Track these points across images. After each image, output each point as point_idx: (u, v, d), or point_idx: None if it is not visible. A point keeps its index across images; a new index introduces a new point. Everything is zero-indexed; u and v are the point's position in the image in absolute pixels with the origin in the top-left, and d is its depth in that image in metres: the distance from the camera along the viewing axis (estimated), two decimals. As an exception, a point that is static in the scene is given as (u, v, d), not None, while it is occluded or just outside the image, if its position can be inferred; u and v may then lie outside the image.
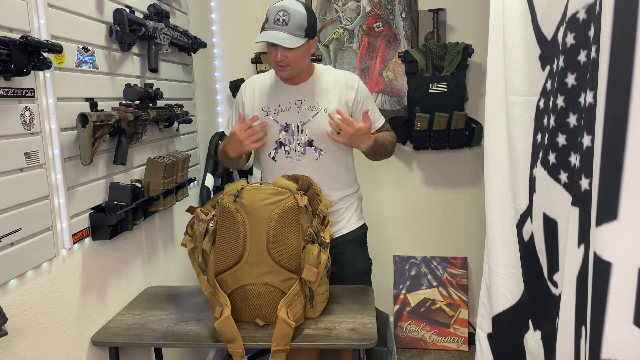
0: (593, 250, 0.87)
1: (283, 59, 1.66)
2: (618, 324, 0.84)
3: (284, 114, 1.78)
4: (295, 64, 1.69)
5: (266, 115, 1.80)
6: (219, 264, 1.50)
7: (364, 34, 2.63)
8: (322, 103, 1.77)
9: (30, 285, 1.25)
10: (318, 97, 1.78)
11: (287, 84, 1.80)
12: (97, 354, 1.50)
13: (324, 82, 1.80)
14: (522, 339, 1.41)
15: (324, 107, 1.77)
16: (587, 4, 1.02)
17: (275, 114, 1.79)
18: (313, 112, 1.76)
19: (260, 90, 1.84)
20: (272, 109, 1.80)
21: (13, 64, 1.10)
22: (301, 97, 1.78)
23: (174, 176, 1.82)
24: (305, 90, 1.79)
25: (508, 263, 1.46)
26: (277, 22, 1.63)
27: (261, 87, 1.84)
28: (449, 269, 2.72)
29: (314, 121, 1.76)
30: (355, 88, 1.79)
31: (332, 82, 1.80)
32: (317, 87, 1.79)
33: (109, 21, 1.58)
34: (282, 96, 1.80)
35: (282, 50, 1.65)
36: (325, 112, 1.75)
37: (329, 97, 1.77)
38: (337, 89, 1.78)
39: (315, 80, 1.80)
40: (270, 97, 1.81)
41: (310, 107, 1.77)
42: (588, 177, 0.95)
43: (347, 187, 1.87)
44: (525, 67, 1.33)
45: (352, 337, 1.41)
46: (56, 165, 1.32)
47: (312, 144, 1.78)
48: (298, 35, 1.64)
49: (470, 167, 2.67)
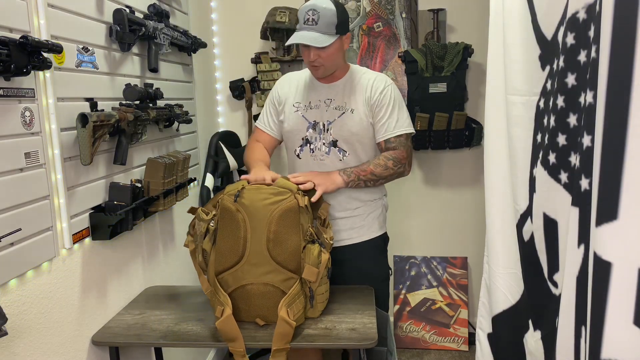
0: (593, 250, 0.87)
1: (316, 58, 1.68)
2: (618, 324, 0.84)
3: (313, 111, 1.78)
4: (328, 63, 1.70)
5: (296, 110, 1.80)
6: (220, 264, 1.50)
7: (364, 34, 2.63)
8: (349, 103, 1.76)
9: (30, 285, 1.25)
10: (347, 97, 1.77)
11: (321, 82, 1.80)
12: (97, 354, 1.50)
13: (356, 82, 1.79)
14: (522, 339, 1.41)
15: (351, 107, 1.76)
16: (587, 4, 1.02)
17: (305, 110, 1.79)
18: (340, 112, 1.76)
19: (296, 85, 1.84)
20: (303, 105, 1.80)
21: (13, 64, 1.10)
22: (332, 96, 1.78)
23: (174, 176, 1.82)
24: (336, 89, 1.79)
25: (508, 263, 1.46)
26: (307, 22, 1.64)
27: (297, 82, 1.85)
28: (449, 269, 2.72)
29: (339, 121, 1.75)
30: (379, 89, 1.75)
31: (363, 82, 1.78)
32: (348, 87, 1.79)
33: (109, 21, 1.58)
34: (314, 93, 1.80)
35: (315, 50, 1.66)
36: (352, 112, 1.75)
37: (357, 97, 1.76)
38: (364, 89, 1.77)
39: (348, 80, 1.80)
40: (303, 93, 1.82)
41: (338, 106, 1.77)
42: (588, 177, 0.95)
43: (371, 192, 1.83)
44: (525, 67, 1.33)
45: (352, 337, 1.41)
46: (56, 165, 1.32)
47: (336, 145, 1.76)
48: (328, 33, 1.65)
49: (470, 167, 2.67)
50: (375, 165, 1.74)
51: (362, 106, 1.75)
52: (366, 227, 1.83)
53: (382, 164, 1.74)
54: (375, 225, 1.86)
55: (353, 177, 1.71)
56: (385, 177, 1.75)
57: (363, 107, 1.75)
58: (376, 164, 1.74)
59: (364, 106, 1.75)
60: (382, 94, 1.75)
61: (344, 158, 1.76)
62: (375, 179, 1.74)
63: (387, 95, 1.75)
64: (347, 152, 1.76)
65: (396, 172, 1.76)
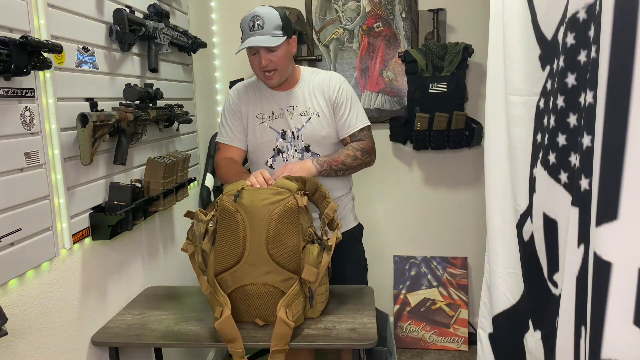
0: (593, 250, 0.87)
1: (268, 63, 1.68)
2: (618, 324, 0.84)
3: (278, 120, 1.79)
4: (280, 67, 1.71)
5: (261, 122, 1.81)
6: (219, 264, 1.50)
7: (364, 34, 2.63)
8: (313, 107, 1.79)
9: (30, 285, 1.25)
10: (309, 101, 1.79)
11: (277, 91, 1.81)
12: (97, 354, 1.50)
13: (312, 85, 1.81)
14: (522, 338, 1.41)
15: (315, 111, 1.79)
16: (587, 4, 1.01)
17: (270, 121, 1.80)
18: (306, 117, 1.78)
19: (253, 96, 1.83)
20: (267, 115, 1.80)
21: (13, 64, 1.10)
22: (292, 102, 1.80)
23: (174, 176, 1.82)
24: (295, 95, 1.80)
25: (508, 263, 1.46)
26: (253, 28, 1.66)
27: (253, 92, 1.84)
28: (449, 269, 2.72)
29: (308, 126, 1.78)
30: (336, 88, 1.80)
31: (319, 84, 1.81)
32: (306, 91, 1.80)
33: (109, 21, 1.58)
34: (274, 103, 1.81)
35: (265, 54, 1.67)
36: (318, 116, 1.78)
37: (318, 100, 1.79)
38: (322, 90, 1.80)
39: (304, 84, 1.82)
40: (262, 103, 1.81)
41: (303, 112, 1.79)
42: (588, 177, 0.95)
43: (343, 187, 1.89)
44: (525, 67, 1.33)
45: (352, 337, 1.41)
46: (56, 165, 1.32)
47: (309, 149, 1.80)
48: (276, 35, 1.67)
49: (470, 167, 2.67)
50: (345, 156, 1.79)
51: (326, 107, 1.79)
52: (343, 220, 1.86)
53: (352, 155, 1.80)
54: (350, 216, 1.93)
55: (325, 166, 1.75)
56: (354, 167, 1.82)
57: (327, 108, 1.80)
58: (346, 155, 1.79)
59: (327, 107, 1.79)
60: (339, 92, 1.80)
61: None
62: (344, 169, 1.80)
63: (344, 93, 1.81)
64: (320, 155, 1.80)
65: (364, 162, 1.83)
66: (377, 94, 2.66)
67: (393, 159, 2.73)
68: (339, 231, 1.60)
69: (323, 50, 2.65)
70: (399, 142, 2.67)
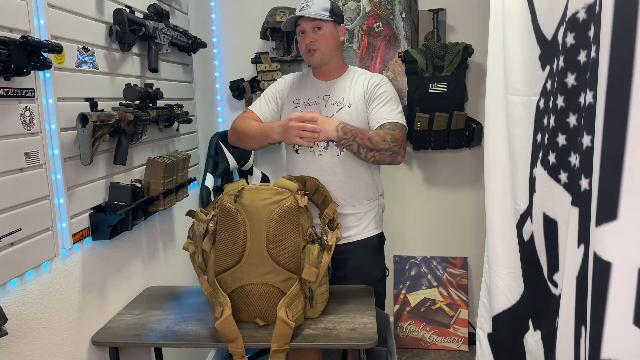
0: (593, 250, 0.87)
1: (311, 41, 1.73)
2: (618, 324, 0.84)
3: (312, 107, 1.80)
4: (324, 47, 1.74)
5: (295, 107, 1.83)
6: (219, 264, 1.50)
7: (364, 34, 2.63)
8: (347, 98, 1.79)
9: (30, 285, 1.25)
10: (345, 93, 1.80)
11: (320, 80, 1.84)
12: (97, 354, 1.50)
13: (355, 80, 1.82)
14: (522, 339, 1.41)
15: (348, 102, 1.78)
16: (587, 4, 1.01)
17: (304, 106, 1.82)
18: (337, 107, 1.78)
19: (297, 83, 1.88)
20: (302, 101, 1.83)
21: (13, 64, 1.10)
22: (330, 92, 1.81)
23: (174, 176, 1.82)
24: (335, 86, 1.82)
25: (508, 263, 1.46)
26: (302, 8, 1.73)
27: (298, 80, 1.89)
28: (449, 269, 2.72)
29: (337, 116, 1.77)
30: (375, 83, 1.78)
31: (362, 79, 1.81)
32: (346, 84, 1.82)
33: (109, 21, 1.58)
34: (313, 90, 1.83)
35: (310, 33, 1.73)
36: (350, 107, 1.77)
37: (355, 93, 1.79)
38: (362, 84, 1.80)
39: (347, 77, 1.83)
40: (302, 90, 1.85)
41: (336, 102, 1.79)
42: (588, 177, 0.95)
43: (368, 191, 1.84)
44: (525, 67, 1.33)
45: (352, 337, 1.41)
46: (56, 165, 1.32)
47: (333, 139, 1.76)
48: (323, 15, 1.72)
49: (470, 167, 2.67)
50: (374, 134, 1.69)
51: (360, 101, 1.77)
52: (362, 226, 1.83)
53: (382, 135, 1.69)
54: (372, 225, 1.86)
55: (349, 135, 1.67)
56: (380, 149, 1.69)
57: (360, 103, 1.77)
58: (376, 133, 1.70)
59: (361, 101, 1.77)
60: (377, 87, 1.78)
61: (341, 153, 1.77)
62: (369, 148, 1.68)
63: (383, 88, 1.78)
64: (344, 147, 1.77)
65: (391, 150, 1.70)
66: (377, 94, 2.65)
67: (393, 159, 2.73)
68: (349, 232, 1.59)
69: (323, 50, 2.65)
70: (399, 142, 2.67)
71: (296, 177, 1.66)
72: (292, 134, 1.64)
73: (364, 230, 1.84)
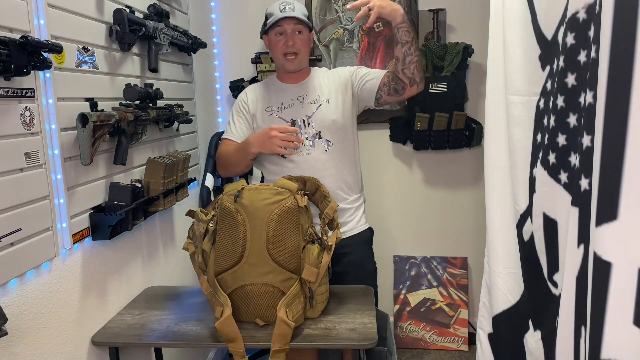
0: (593, 250, 0.87)
1: (294, 43, 1.76)
2: (618, 324, 0.84)
3: (288, 110, 1.83)
4: (302, 52, 1.79)
5: (270, 114, 1.84)
6: (219, 264, 1.50)
7: (364, 34, 2.62)
8: (323, 95, 1.83)
9: (30, 285, 1.25)
10: (318, 90, 1.84)
11: (286, 84, 1.87)
12: (97, 354, 1.50)
13: (322, 77, 1.88)
14: (522, 339, 1.41)
15: (325, 98, 1.82)
16: (587, 4, 1.02)
17: (279, 111, 1.84)
18: (316, 105, 1.82)
19: (261, 93, 1.89)
20: (275, 107, 1.85)
21: (13, 64, 1.10)
22: (303, 92, 1.84)
23: (174, 176, 1.82)
24: (305, 86, 1.85)
25: (508, 263, 1.46)
26: (284, 10, 1.74)
27: (261, 90, 1.90)
28: (449, 269, 2.72)
29: (318, 113, 1.81)
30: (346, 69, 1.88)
31: (329, 75, 1.88)
32: (316, 82, 1.86)
33: (109, 21, 1.58)
34: (283, 95, 1.85)
35: (292, 35, 1.76)
36: (328, 102, 1.81)
37: (330, 87, 1.84)
38: (333, 79, 1.86)
39: (313, 77, 1.88)
40: (273, 97, 1.86)
41: (312, 100, 1.82)
42: (588, 177, 0.95)
43: (356, 184, 1.90)
44: (525, 67, 1.33)
45: (352, 337, 1.41)
46: (56, 165, 1.32)
47: (320, 136, 1.81)
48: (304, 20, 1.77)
49: (470, 167, 2.67)
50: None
51: (335, 93, 1.83)
52: (355, 221, 1.87)
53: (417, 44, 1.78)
54: (363, 219, 1.92)
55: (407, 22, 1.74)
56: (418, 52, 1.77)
57: (341, 93, 1.83)
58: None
59: (343, 90, 1.83)
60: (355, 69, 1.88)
61: (329, 148, 1.81)
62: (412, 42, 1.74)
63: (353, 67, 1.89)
64: (332, 142, 1.81)
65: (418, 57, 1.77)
66: (377, 94, 2.65)
67: (393, 159, 2.73)
68: (344, 227, 1.61)
69: (323, 50, 2.65)
70: (399, 142, 2.67)
71: (296, 177, 1.66)
72: (275, 143, 1.68)
73: (357, 225, 1.88)
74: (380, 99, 1.84)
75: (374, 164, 2.71)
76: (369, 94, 1.84)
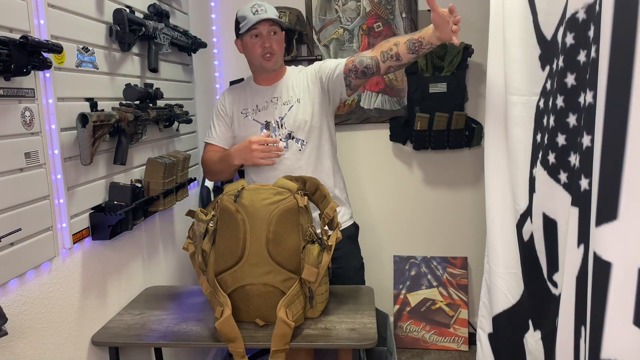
0: (593, 250, 0.87)
1: (270, 44, 1.79)
2: (618, 324, 0.84)
3: (262, 112, 1.87)
4: (278, 52, 1.82)
5: (245, 117, 1.89)
6: (219, 264, 1.50)
7: (364, 34, 2.62)
8: (294, 95, 1.86)
9: (30, 285, 1.25)
10: (290, 91, 1.88)
11: (262, 86, 1.91)
12: (97, 354, 1.50)
13: (294, 77, 1.90)
14: (522, 338, 1.41)
15: (296, 98, 1.85)
16: (586, 4, 1.02)
17: (254, 113, 1.88)
18: (288, 106, 1.85)
19: (239, 95, 1.92)
20: (250, 109, 1.88)
21: (13, 64, 1.10)
22: (276, 94, 1.88)
23: (174, 176, 1.82)
24: (278, 88, 1.89)
25: (508, 263, 1.46)
26: (257, 12, 1.77)
27: (238, 93, 1.93)
28: (449, 269, 2.72)
29: (290, 114, 1.84)
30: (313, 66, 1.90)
31: (299, 75, 1.91)
32: (288, 83, 1.89)
33: (109, 21, 1.58)
34: (258, 97, 1.89)
35: (268, 36, 1.78)
36: (299, 102, 1.85)
37: (300, 87, 1.87)
38: (301, 78, 1.89)
39: (287, 78, 1.91)
40: (248, 99, 1.90)
41: (285, 102, 1.86)
42: (588, 177, 0.95)
43: (337, 181, 1.91)
44: (525, 67, 1.33)
45: (352, 337, 1.41)
46: (56, 165, 1.32)
47: (292, 136, 1.84)
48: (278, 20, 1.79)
49: (470, 167, 2.67)
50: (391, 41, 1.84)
51: (309, 90, 1.86)
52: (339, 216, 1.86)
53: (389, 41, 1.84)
54: (347, 214, 1.94)
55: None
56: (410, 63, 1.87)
57: (311, 90, 1.85)
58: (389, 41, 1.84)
59: (306, 92, 1.85)
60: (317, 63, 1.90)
61: (303, 147, 1.84)
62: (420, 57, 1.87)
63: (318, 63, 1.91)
64: (305, 141, 1.84)
65: None
66: (377, 94, 2.65)
67: (393, 159, 2.73)
68: (339, 231, 1.60)
69: (323, 50, 2.65)
70: (399, 142, 2.67)
71: (296, 177, 1.66)
72: (255, 156, 1.75)
73: (341, 219, 1.88)
74: (351, 84, 1.86)
75: (374, 164, 2.72)
76: (339, 83, 1.86)
